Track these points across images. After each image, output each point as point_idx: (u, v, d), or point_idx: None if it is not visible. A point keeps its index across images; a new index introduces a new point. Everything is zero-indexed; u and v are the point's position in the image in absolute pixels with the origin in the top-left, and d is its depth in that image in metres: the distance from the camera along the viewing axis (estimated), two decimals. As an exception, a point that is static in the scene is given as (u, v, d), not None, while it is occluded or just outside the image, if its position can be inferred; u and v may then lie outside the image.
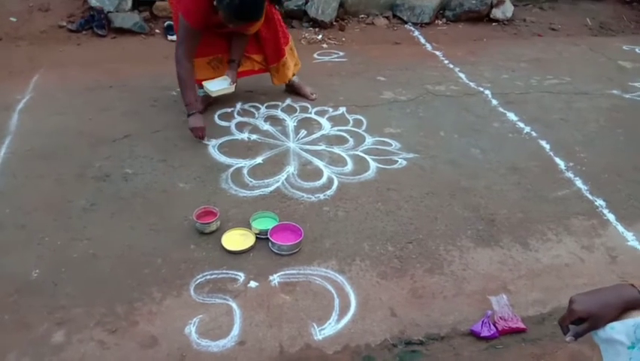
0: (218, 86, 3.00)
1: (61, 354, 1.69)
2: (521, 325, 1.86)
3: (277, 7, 3.13)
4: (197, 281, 1.99)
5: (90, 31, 4.33)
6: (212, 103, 3.21)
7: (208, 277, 2.02)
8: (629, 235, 2.36)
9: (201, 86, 3.05)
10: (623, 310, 1.10)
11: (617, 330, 1.08)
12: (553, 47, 4.61)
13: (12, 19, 4.35)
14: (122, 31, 4.34)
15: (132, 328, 1.80)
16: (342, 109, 3.31)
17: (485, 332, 1.82)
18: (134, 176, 2.57)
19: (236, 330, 1.81)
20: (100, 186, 2.49)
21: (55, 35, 4.26)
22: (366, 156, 2.83)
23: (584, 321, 1.11)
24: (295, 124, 3.12)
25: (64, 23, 4.37)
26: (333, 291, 1.98)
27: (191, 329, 1.80)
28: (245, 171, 2.65)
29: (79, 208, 2.34)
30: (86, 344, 1.73)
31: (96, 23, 4.31)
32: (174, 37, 4.14)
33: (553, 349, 1.80)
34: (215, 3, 2.60)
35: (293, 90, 3.45)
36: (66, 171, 2.57)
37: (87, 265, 2.05)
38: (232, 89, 3.04)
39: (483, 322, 1.85)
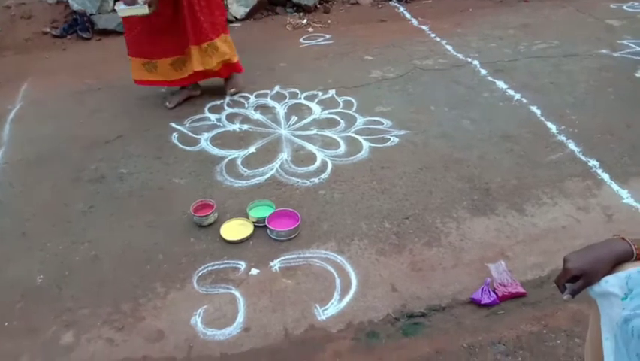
0: (128, 6, 2.80)
1: (71, 355, 1.72)
2: (521, 289, 1.89)
3: None
4: (200, 273, 2.02)
5: (74, 35, 4.33)
6: (200, 96, 3.21)
7: (210, 268, 2.04)
8: (624, 193, 2.37)
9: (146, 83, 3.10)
10: (615, 264, 1.12)
11: (611, 283, 1.10)
12: (540, 11, 4.58)
13: (-5, 29, 4.35)
14: (106, 32, 4.33)
15: (139, 324, 1.83)
16: (332, 92, 3.31)
17: (485, 300, 1.84)
18: (129, 175, 2.59)
19: (240, 317, 1.83)
20: (96, 188, 2.51)
21: (40, 42, 4.26)
22: (358, 137, 2.84)
23: (579, 279, 1.13)
24: (286, 111, 3.12)
25: (48, 29, 4.37)
26: (334, 271, 2.00)
27: (197, 320, 1.83)
28: (239, 162, 2.66)
29: (77, 211, 2.37)
30: (95, 343, 1.76)
31: (80, 27, 4.31)
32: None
33: (553, 310, 1.82)
34: None
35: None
36: (62, 176, 2.59)
37: (90, 267, 2.08)
38: (145, 10, 2.79)
39: (482, 289, 1.87)
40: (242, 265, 2.05)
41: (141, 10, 2.79)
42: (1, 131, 3.01)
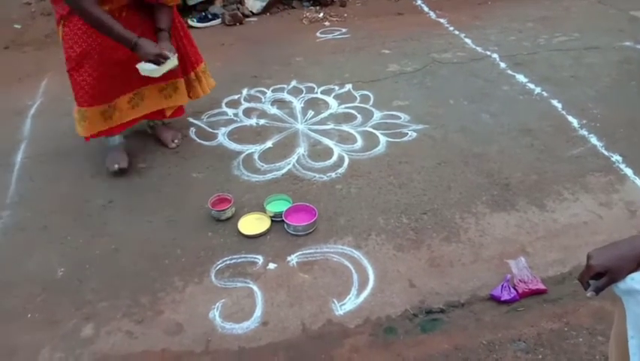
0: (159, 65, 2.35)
1: (91, 347, 1.74)
2: (541, 286, 1.86)
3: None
4: (217, 267, 2.03)
5: (93, 31, 4.35)
6: (216, 91, 3.20)
7: (227, 262, 2.05)
8: (648, 188, 2.32)
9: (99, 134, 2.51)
10: None
11: (637, 280, 1.08)
12: (560, 3, 4.49)
13: (16, 26, 4.41)
14: (124, 28, 4.36)
15: (158, 317, 1.84)
16: (349, 86, 3.29)
17: (505, 296, 1.82)
18: (147, 170, 2.61)
19: (258, 311, 1.84)
20: (115, 182, 2.53)
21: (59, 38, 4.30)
22: (375, 132, 2.82)
23: (602, 276, 1.11)
24: (302, 105, 3.11)
25: (67, 25, 4.41)
26: (351, 266, 1.99)
27: (215, 314, 1.84)
28: (256, 156, 2.66)
29: (97, 206, 2.39)
30: (115, 335, 1.78)
31: (98, 22, 4.33)
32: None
33: (575, 307, 1.80)
34: None
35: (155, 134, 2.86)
36: (82, 171, 2.62)
37: (109, 261, 2.10)
38: (175, 60, 2.39)
39: (502, 286, 1.85)
40: (259, 259, 2.06)
41: (172, 62, 2.37)
42: (23, 126, 3.05)
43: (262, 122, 2.96)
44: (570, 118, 2.84)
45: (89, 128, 2.47)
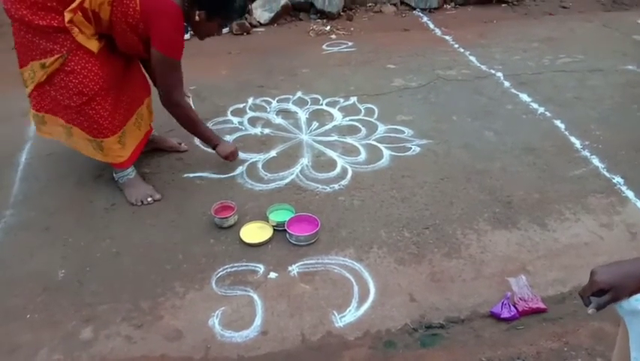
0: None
1: (90, 350, 1.74)
2: (541, 305, 1.86)
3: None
4: (218, 274, 2.03)
5: (101, 35, 4.38)
6: (222, 99, 3.22)
7: (229, 269, 2.05)
8: (649, 211, 2.34)
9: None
10: None
11: None
12: (565, 24, 4.54)
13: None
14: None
15: (157, 322, 1.84)
16: (353, 99, 3.31)
17: (505, 314, 1.83)
18: (151, 175, 2.62)
19: (258, 320, 1.84)
20: (118, 185, 2.53)
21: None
22: (379, 145, 2.83)
23: (605, 293, 1.11)
24: (307, 116, 3.13)
25: (76, 28, 4.43)
26: (352, 279, 2.00)
27: (215, 321, 1.83)
28: (260, 165, 2.67)
29: (100, 208, 2.40)
30: (114, 339, 1.78)
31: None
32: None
33: (574, 327, 1.80)
34: (199, 18, 2.22)
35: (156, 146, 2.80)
36: (86, 173, 2.63)
37: (111, 263, 2.10)
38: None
39: (503, 303, 1.85)
40: (260, 268, 2.06)
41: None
42: (28, 127, 3.05)
43: (267, 131, 2.98)
44: (573, 139, 2.86)
45: (120, 154, 2.38)
